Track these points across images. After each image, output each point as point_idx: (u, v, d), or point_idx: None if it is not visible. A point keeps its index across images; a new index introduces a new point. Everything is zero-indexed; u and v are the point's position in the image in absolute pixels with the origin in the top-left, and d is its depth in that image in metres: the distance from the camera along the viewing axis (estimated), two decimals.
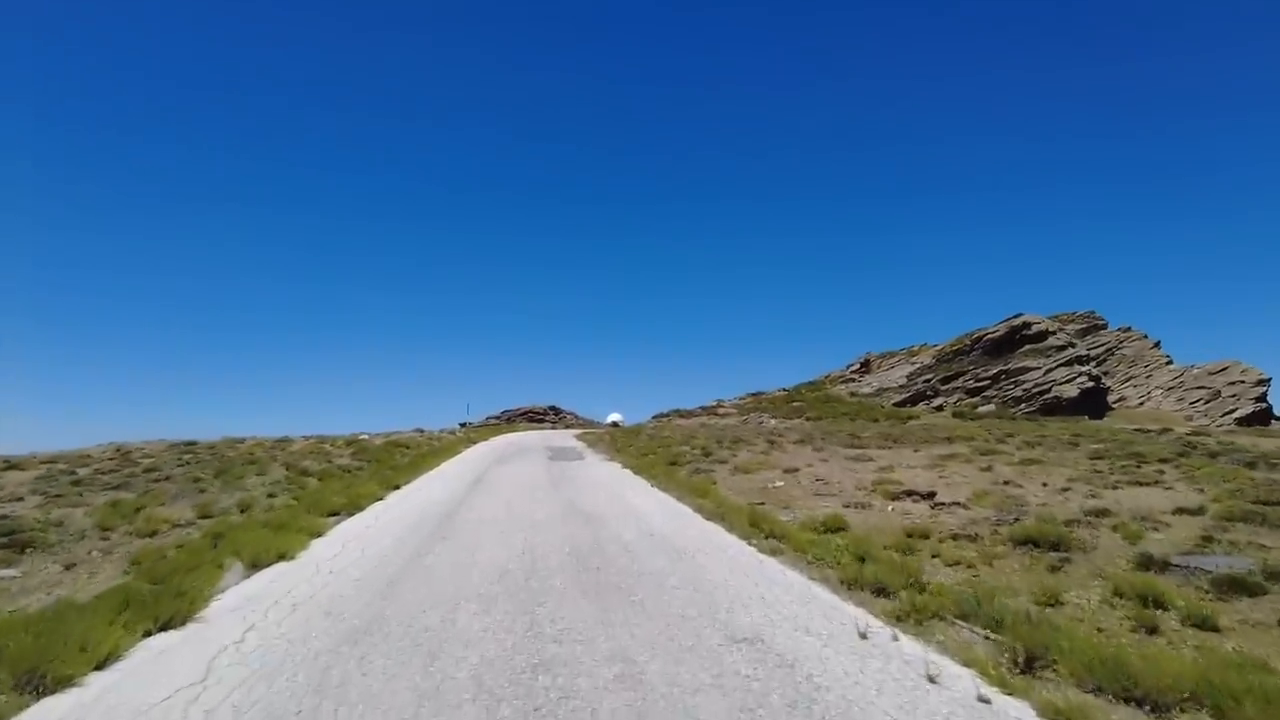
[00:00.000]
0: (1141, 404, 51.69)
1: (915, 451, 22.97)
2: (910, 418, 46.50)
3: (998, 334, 56.44)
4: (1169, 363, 57.18)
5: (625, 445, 28.57)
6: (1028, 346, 55.26)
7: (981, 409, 49.78)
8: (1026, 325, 56.02)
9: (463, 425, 68.14)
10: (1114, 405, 52.54)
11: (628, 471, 18.93)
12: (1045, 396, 48.58)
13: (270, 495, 15.37)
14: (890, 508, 13.06)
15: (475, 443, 32.98)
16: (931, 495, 13.84)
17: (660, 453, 24.24)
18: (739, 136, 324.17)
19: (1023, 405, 49.15)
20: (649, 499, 13.80)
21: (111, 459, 24.17)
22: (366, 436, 34.67)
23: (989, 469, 18.05)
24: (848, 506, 13.08)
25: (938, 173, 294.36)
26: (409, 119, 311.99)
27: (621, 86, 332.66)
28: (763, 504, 13.21)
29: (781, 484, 16.55)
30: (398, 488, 15.97)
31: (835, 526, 10.73)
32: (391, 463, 21.24)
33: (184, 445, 31.16)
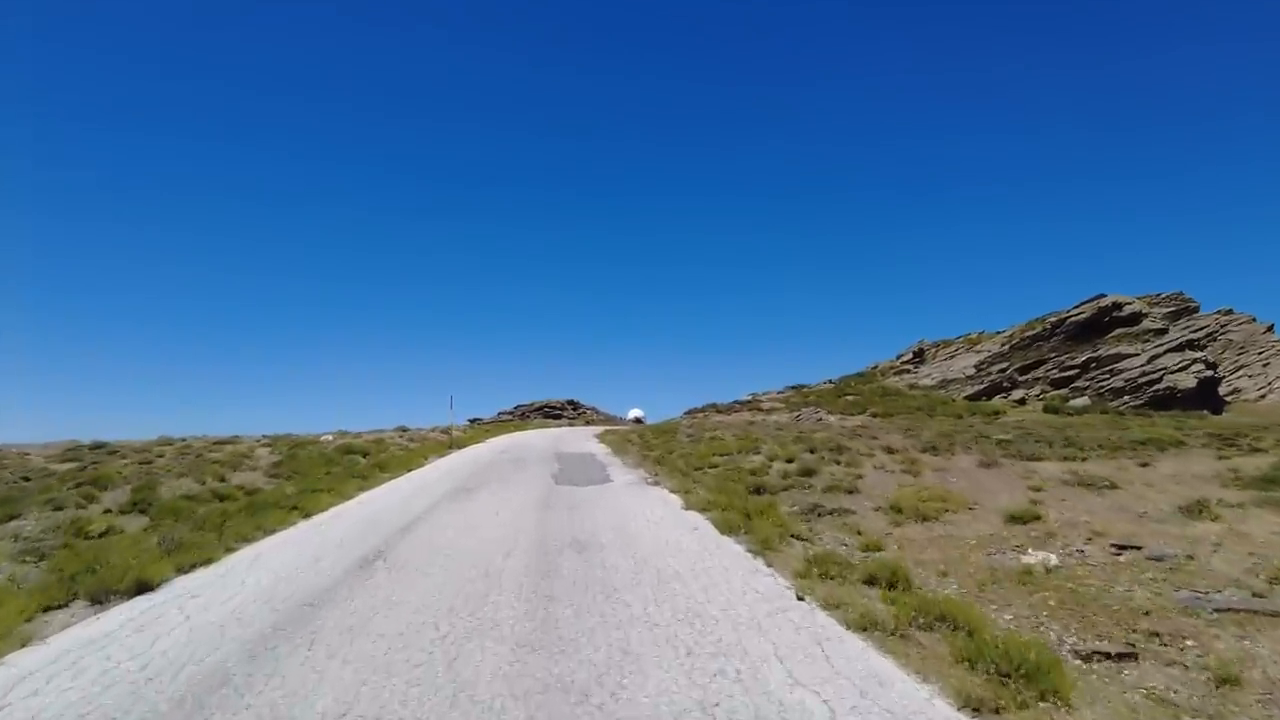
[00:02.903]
0: (1263, 396, 42.28)
1: (1116, 462, 14.34)
2: (995, 413, 37.78)
3: (1082, 316, 47.23)
4: None
5: (664, 452, 20.14)
6: (1119, 331, 46.05)
7: (1074, 402, 40.83)
8: (1117, 306, 46.77)
9: (473, 422, 60.27)
10: (1227, 398, 43.23)
11: (694, 515, 10.35)
12: (1156, 388, 39.41)
13: None
14: None
15: (464, 446, 24.78)
16: None
17: (723, 468, 15.83)
18: (759, 128, 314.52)
19: (1126, 398, 40.08)
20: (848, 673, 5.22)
21: None
22: (329, 437, 26.63)
23: None
24: None
25: (938, 167, 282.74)
26: (421, 113, 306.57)
27: (638, 79, 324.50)
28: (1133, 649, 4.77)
29: (1034, 558, 8.00)
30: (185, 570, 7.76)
31: None
32: (273, 499, 12.88)
33: (89, 448, 23.38)
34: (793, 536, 8.84)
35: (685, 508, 10.36)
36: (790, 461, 16.41)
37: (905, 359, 55.11)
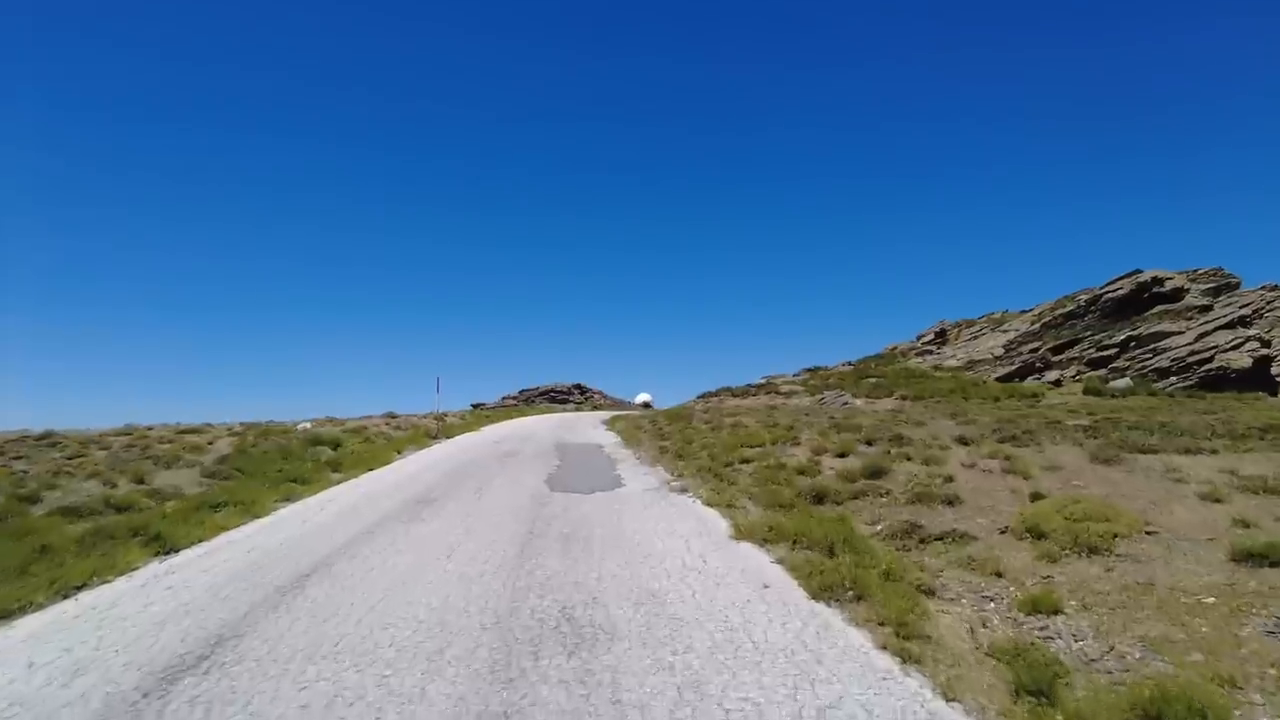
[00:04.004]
0: None
1: (1264, 456, 10.75)
2: (1034, 395, 34.23)
3: (1120, 292, 43.46)
4: None
5: (682, 442, 16.64)
6: (1160, 307, 42.32)
7: (1115, 383, 37.21)
8: (1157, 281, 43.01)
9: (475, 407, 56.94)
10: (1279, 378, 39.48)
11: (750, 550, 6.64)
12: (1206, 367, 35.69)
13: None
14: None
15: (454, 436, 21.34)
16: None
17: (759, 464, 12.33)
18: (766, 114, 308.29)
19: (1173, 379, 36.41)
20: None
21: None
22: (307, 425, 23.25)
23: None
24: None
25: (939, 152, 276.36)
26: (421, 96, 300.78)
27: (644, 61, 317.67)
28: None
29: None
30: None
31: None
32: (139, 523, 9.26)
33: (35, 439, 20.08)
34: (918, 588, 5.40)
35: (735, 536, 6.83)
36: (844, 456, 12.90)
37: (926, 340, 51.44)
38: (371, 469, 12.86)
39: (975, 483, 10.09)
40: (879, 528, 8.49)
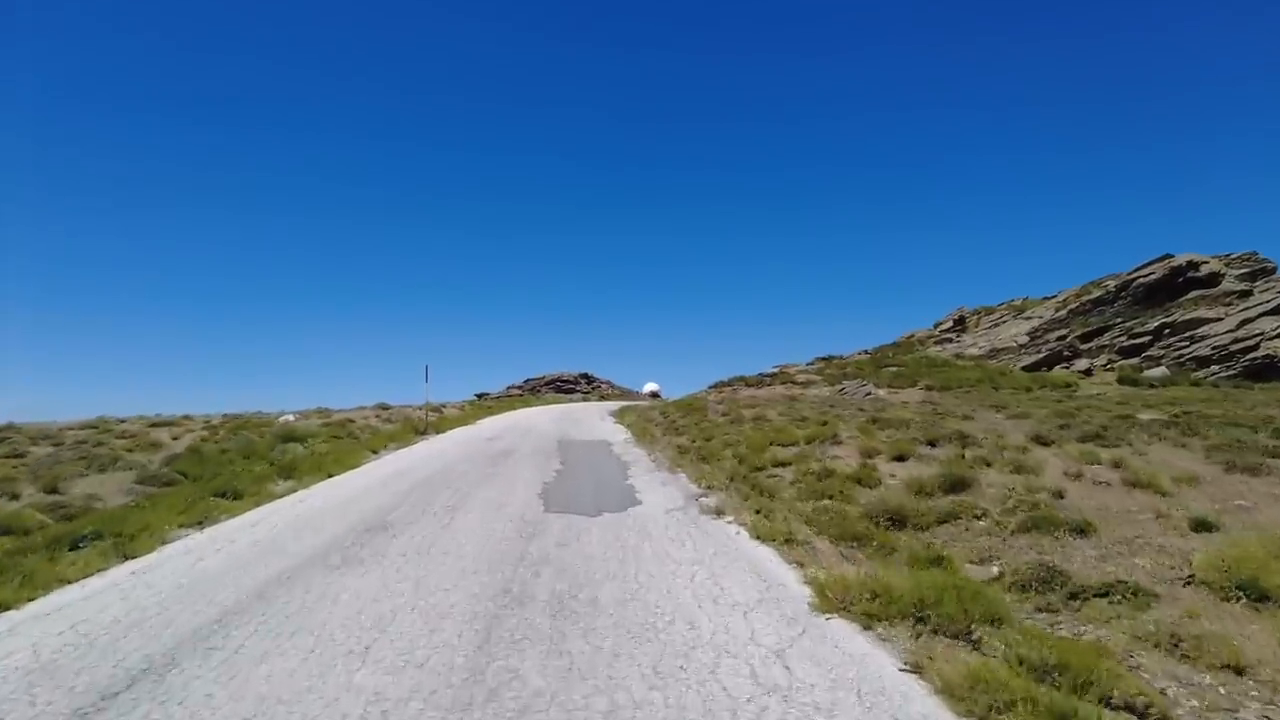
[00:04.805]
0: None
1: None
2: (1066, 384, 31.72)
3: (1151, 277, 40.79)
4: None
5: (701, 438, 14.18)
6: (1195, 293, 39.65)
7: (1151, 372, 34.63)
8: (1192, 265, 40.35)
9: (480, 397, 54.59)
10: None
11: (844, 630, 4.18)
12: (1251, 356, 33.07)
13: None
14: None
15: (446, 431, 18.90)
16: None
17: (800, 469, 9.81)
18: (771, 103, 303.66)
19: (1214, 367, 33.81)
20: None
21: None
22: (290, 417, 20.88)
23: None
24: None
25: (946, 141, 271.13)
26: (431, 88, 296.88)
27: (634, 53, 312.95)
28: None
29: None
30: None
31: None
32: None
33: None
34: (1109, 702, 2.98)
35: (819, 605, 4.35)
36: (902, 459, 10.44)
37: (945, 327, 48.80)
38: (333, 474, 10.42)
39: (1095, 500, 7.62)
40: (995, 570, 6.04)
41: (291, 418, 20.79)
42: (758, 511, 7.08)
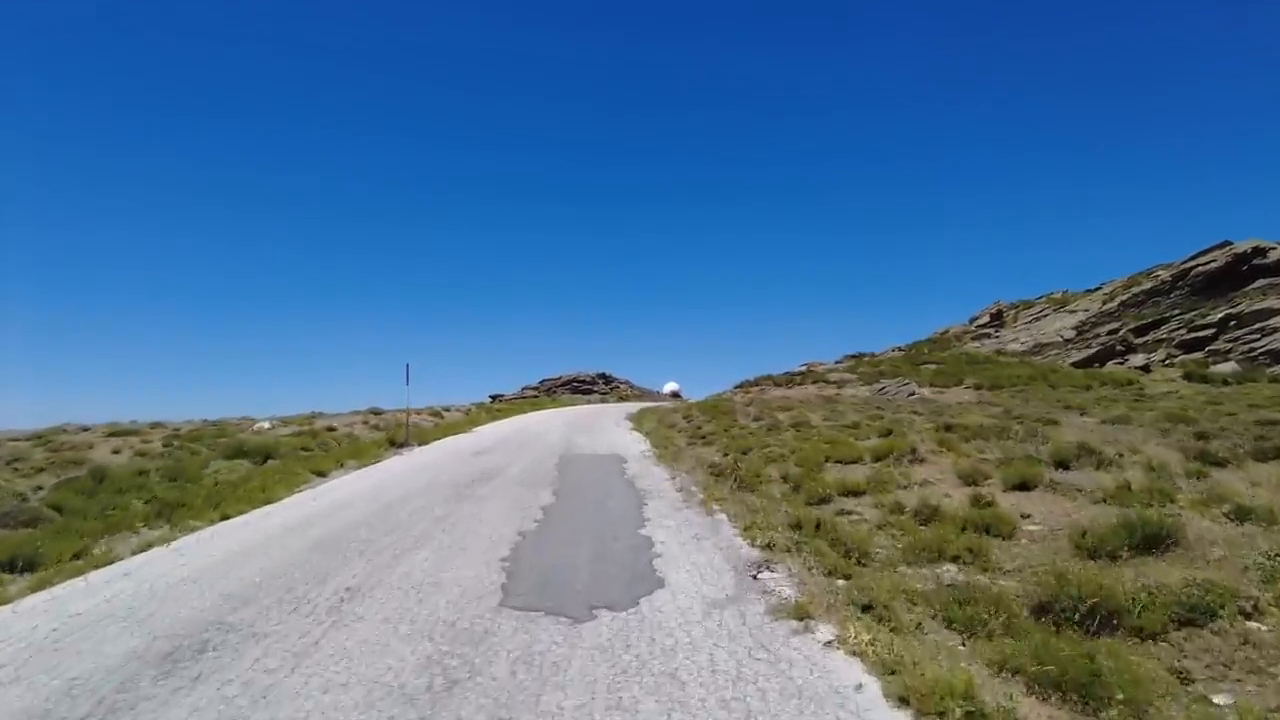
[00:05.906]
0: None
1: None
2: (1129, 382, 28.26)
3: (1212, 266, 37.08)
4: None
5: (735, 451, 11.17)
6: (1263, 281, 35.84)
7: (1218, 368, 30.97)
8: (1259, 252, 36.56)
9: (494, 399, 51.94)
10: None
11: None
12: None
13: None
14: None
15: (432, 441, 16.07)
16: None
17: (890, 507, 6.82)
18: (779, 99, 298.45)
19: None
20: None
21: None
22: (265, 425, 18.24)
23: None
24: None
25: (957, 136, 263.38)
26: (439, 82, 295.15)
27: (642, 47, 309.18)
28: None
29: None
30: None
31: None
32: None
33: None
34: None
35: None
36: (1026, 488, 7.40)
37: (981, 322, 45.28)
38: (229, 516, 7.54)
39: None
40: None
41: (266, 425, 18.16)
42: (868, 609, 4.07)
